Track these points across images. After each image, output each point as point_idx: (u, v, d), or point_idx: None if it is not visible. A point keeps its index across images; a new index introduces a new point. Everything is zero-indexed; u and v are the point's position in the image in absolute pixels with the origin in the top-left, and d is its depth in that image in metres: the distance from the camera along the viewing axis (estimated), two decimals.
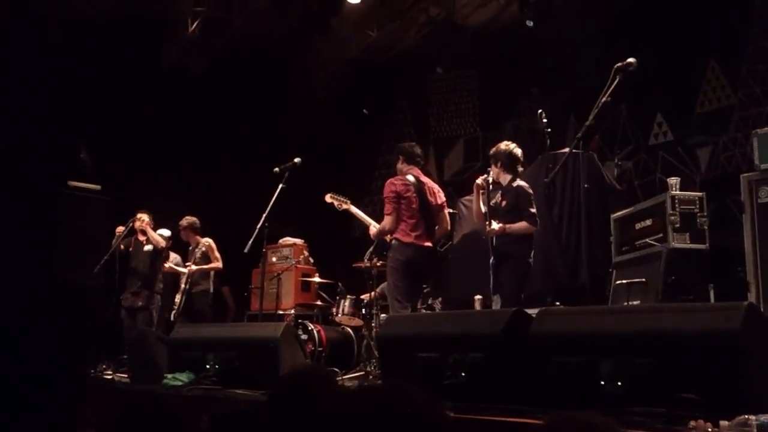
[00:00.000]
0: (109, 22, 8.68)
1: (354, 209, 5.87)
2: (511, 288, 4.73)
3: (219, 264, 7.53)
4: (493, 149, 5.10)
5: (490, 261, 4.88)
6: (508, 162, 4.97)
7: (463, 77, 9.92)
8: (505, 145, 5.07)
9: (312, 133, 9.70)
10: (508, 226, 4.77)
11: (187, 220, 7.66)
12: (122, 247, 7.21)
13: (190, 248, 7.67)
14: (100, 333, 7.15)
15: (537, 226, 4.92)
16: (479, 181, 5.04)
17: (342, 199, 5.89)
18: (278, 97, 9.97)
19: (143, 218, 7.26)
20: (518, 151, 5.02)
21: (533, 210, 4.85)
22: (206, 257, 7.51)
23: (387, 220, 5.26)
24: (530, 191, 4.89)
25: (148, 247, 7.27)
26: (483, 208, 5.03)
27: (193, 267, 7.46)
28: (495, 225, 4.79)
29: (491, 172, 5.02)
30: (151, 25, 9.08)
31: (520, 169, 5.07)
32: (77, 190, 8.14)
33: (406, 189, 5.30)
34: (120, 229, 7.15)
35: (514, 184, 4.92)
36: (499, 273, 4.82)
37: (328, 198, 5.94)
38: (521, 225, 4.79)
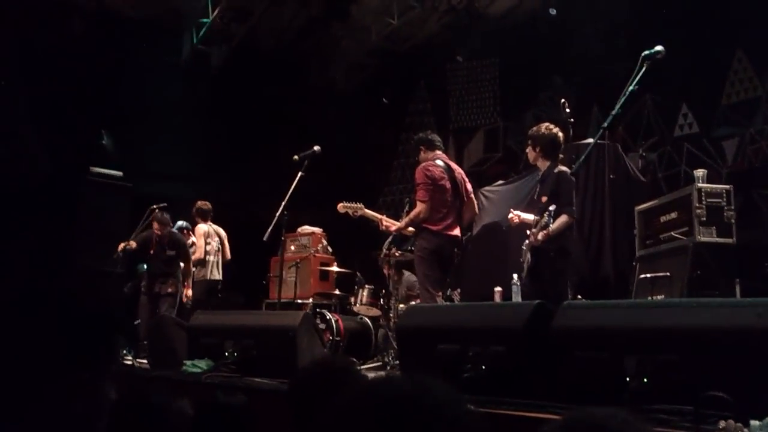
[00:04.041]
0: (131, 9, 8.70)
1: (369, 212, 5.80)
2: (556, 295, 4.09)
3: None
4: (533, 131, 4.72)
5: (524, 261, 4.59)
6: (550, 148, 4.60)
7: (484, 66, 9.82)
8: (547, 128, 4.65)
9: (332, 122, 9.67)
10: (550, 229, 4.28)
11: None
12: (136, 245, 7.18)
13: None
14: (119, 318, 7.20)
15: (575, 217, 4.54)
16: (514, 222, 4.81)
17: (355, 206, 5.80)
18: (298, 86, 9.95)
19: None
20: (561, 137, 4.63)
21: (573, 200, 4.44)
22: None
23: (422, 207, 5.11)
24: (572, 179, 4.44)
25: (170, 252, 7.20)
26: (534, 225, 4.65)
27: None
28: (540, 234, 4.32)
29: (533, 156, 4.68)
30: (173, 13, 9.09)
31: (561, 156, 4.68)
32: (99, 177, 8.21)
33: (441, 176, 5.20)
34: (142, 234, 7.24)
35: (555, 170, 4.48)
36: (539, 273, 4.41)
37: (340, 208, 5.83)
38: (561, 221, 4.31)
